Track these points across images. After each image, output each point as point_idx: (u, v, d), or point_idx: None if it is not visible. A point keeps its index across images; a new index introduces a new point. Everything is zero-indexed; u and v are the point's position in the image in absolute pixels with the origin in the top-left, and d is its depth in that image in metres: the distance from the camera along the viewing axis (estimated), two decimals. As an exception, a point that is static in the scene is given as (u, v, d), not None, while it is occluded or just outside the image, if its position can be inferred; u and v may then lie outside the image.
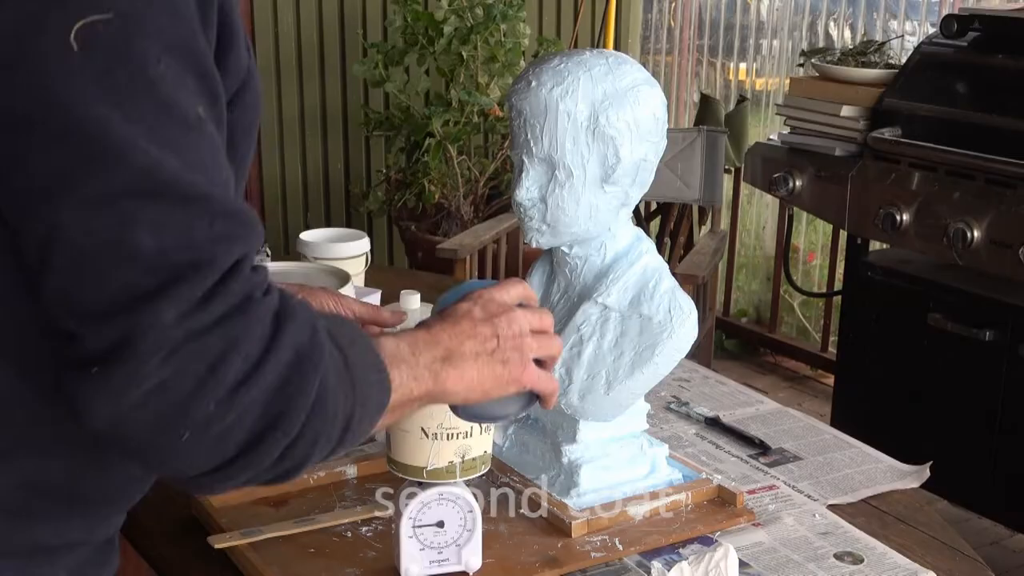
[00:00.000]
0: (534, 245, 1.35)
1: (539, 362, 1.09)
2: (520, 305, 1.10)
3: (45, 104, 0.80)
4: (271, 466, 0.88)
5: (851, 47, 3.24)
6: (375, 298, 1.82)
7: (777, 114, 3.33)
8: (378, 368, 0.96)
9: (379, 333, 1.15)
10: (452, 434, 1.17)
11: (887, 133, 2.77)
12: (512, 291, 1.11)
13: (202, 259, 0.83)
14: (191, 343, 0.82)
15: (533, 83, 1.28)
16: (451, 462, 1.18)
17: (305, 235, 1.86)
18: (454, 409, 1.09)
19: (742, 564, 1.27)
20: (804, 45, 4.31)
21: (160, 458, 0.87)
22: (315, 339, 0.89)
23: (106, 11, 0.80)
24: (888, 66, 2.98)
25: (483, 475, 1.24)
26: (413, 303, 1.48)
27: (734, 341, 4.56)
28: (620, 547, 1.30)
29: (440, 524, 1.21)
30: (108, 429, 0.85)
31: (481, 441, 1.20)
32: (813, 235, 4.58)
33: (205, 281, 0.83)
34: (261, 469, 0.88)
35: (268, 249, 2.26)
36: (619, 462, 1.40)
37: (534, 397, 1.11)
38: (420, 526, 1.21)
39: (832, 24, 4.46)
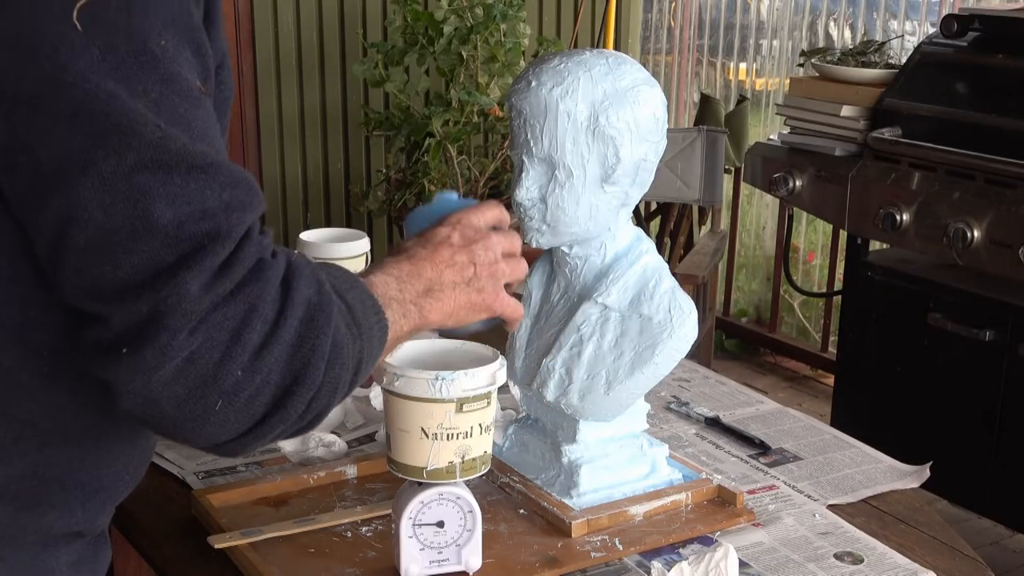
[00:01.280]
0: (534, 245, 1.35)
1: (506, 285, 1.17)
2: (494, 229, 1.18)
3: (53, 84, 0.81)
4: (298, 419, 0.91)
5: (851, 47, 3.23)
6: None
7: (777, 114, 3.33)
8: (376, 311, 1.00)
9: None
10: (452, 434, 1.17)
11: (887, 133, 2.77)
12: (488, 215, 1.18)
13: (219, 228, 0.85)
14: (215, 312, 0.84)
15: (533, 83, 1.28)
16: (451, 462, 1.18)
17: (305, 235, 1.85)
18: None
19: (742, 564, 1.26)
20: (804, 45, 4.31)
21: (196, 430, 0.88)
22: (322, 291, 0.92)
23: None
24: (888, 66, 2.97)
25: (483, 475, 1.23)
26: None
27: (734, 341, 4.56)
28: (620, 547, 1.30)
29: (440, 524, 1.21)
30: (143, 408, 0.86)
31: (481, 441, 1.20)
32: (813, 235, 4.58)
33: (224, 249, 0.85)
34: (289, 423, 0.91)
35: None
36: (619, 462, 1.40)
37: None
38: (420, 526, 1.21)
39: (832, 24, 4.46)
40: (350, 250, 1.84)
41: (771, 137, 3.26)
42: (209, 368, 0.84)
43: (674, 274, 1.38)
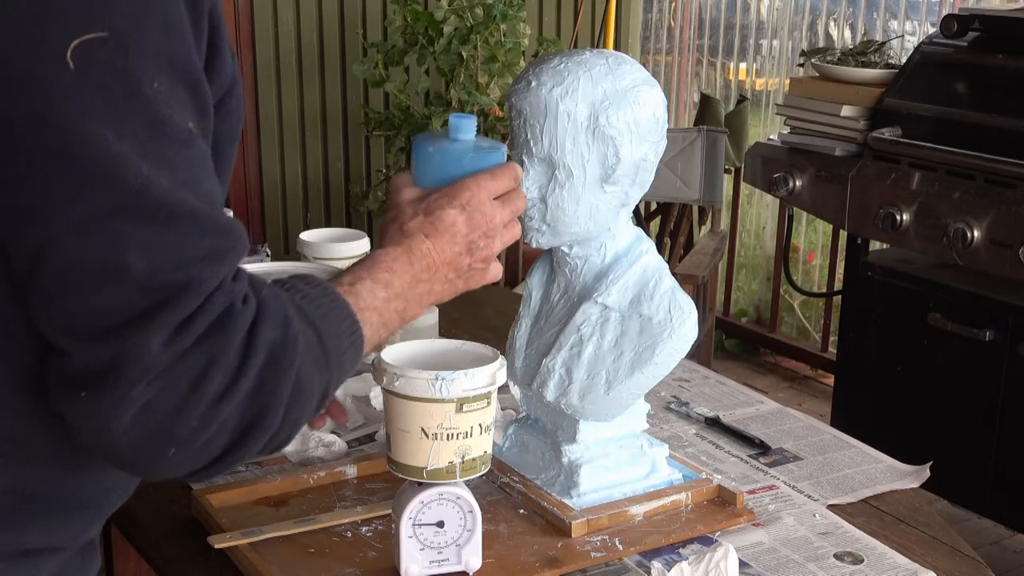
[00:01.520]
0: (534, 245, 1.35)
1: None
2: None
3: (41, 122, 0.80)
4: (257, 454, 0.92)
5: (851, 47, 3.24)
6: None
7: (777, 114, 3.33)
8: (352, 331, 0.99)
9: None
10: (452, 434, 1.17)
11: (887, 133, 2.77)
12: (503, 183, 1.18)
13: (191, 280, 0.84)
14: (174, 365, 0.84)
15: (533, 83, 1.28)
16: (451, 462, 1.18)
17: (305, 235, 1.86)
18: None
19: (742, 564, 1.27)
20: (804, 45, 4.31)
21: (150, 470, 0.90)
22: (288, 333, 0.91)
23: (102, 30, 0.81)
24: (888, 66, 2.98)
25: (483, 475, 1.23)
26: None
27: (734, 341, 4.56)
28: (620, 547, 1.30)
29: (440, 524, 1.21)
30: (99, 449, 0.87)
31: (481, 441, 1.20)
32: (813, 235, 4.59)
33: (192, 302, 0.84)
34: (248, 458, 0.92)
35: (268, 249, 2.26)
36: (619, 462, 1.40)
37: None
38: (420, 526, 1.21)
39: (832, 24, 4.46)
40: (350, 250, 1.84)
41: (771, 137, 3.26)
42: (165, 418, 0.84)
43: (674, 274, 1.38)
